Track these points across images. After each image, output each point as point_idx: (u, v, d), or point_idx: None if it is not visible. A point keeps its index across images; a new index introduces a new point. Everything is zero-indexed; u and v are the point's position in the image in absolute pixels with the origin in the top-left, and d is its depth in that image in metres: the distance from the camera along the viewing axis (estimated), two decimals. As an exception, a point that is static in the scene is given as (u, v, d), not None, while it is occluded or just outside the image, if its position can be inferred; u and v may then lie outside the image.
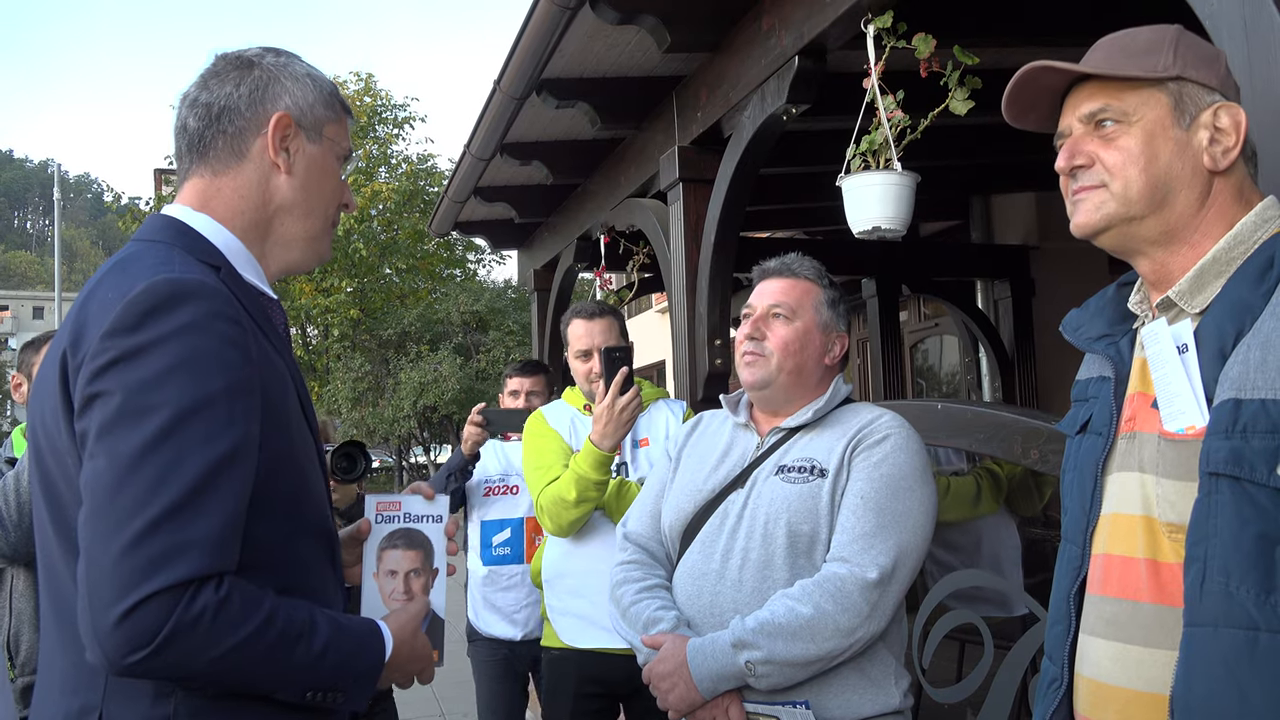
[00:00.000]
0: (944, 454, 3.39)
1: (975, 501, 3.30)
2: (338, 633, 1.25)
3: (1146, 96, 1.28)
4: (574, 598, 2.85)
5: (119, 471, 1.11)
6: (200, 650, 1.11)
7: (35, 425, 1.27)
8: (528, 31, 3.39)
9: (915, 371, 8.68)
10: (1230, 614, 1.10)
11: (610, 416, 2.65)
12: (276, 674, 1.19)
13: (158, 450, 1.12)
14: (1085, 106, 1.32)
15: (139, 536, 1.09)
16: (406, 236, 22.75)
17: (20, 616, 2.71)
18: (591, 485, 2.68)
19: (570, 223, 5.45)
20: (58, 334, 1.28)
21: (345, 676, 1.25)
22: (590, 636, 2.80)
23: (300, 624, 1.20)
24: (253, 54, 1.40)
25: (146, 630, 1.07)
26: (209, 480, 1.13)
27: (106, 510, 1.11)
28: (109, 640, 1.08)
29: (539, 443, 2.92)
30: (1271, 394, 1.10)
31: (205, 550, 1.11)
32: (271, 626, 1.16)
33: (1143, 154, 1.27)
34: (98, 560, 1.10)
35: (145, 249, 1.29)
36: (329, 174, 1.43)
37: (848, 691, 1.89)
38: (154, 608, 1.08)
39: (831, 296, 2.13)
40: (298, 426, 1.33)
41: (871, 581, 1.84)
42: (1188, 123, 1.27)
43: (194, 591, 1.10)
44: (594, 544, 2.80)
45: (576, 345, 2.98)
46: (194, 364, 1.16)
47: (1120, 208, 1.29)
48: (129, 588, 1.08)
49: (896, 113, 2.55)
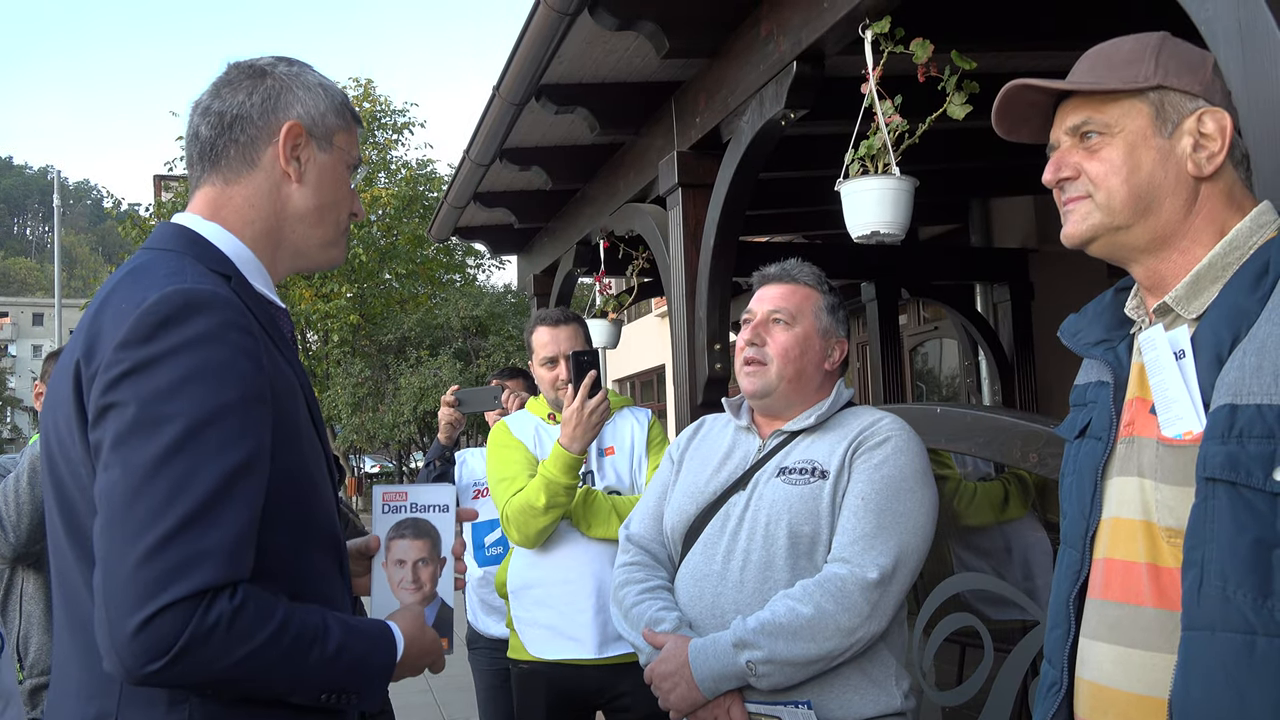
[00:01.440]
0: (972, 461, 3.39)
1: (1003, 506, 3.32)
2: (350, 635, 1.26)
3: (1128, 107, 1.30)
4: (540, 608, 2.82)
5: (134, 482, 1.13)
6: (216, 658, 1.12)
7: (48, 434, 1.29)
8: (526, 37, 3.40)
9: (915, 375, 8.68)
10: (1228, 618, 1.10)
11: (579, 419, 2.64)
12: (292, 678, 1.20)
13: (172, 461, 1.13)
14: (1069, 120, 1.34)
15: (155, 547, 1.10)
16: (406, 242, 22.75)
17: (30, 619, 2.73)
18: (561, 490, 2.65)
19: (570, 228, 5.46)
20: (70, 343, 1.29)
21: (359, 677, 1.27)
22: (557, 647, 2.78)
23: (313, 628, 1.21)
24: (265, 63, 1.42)
25: (163, 640, 1.09)
26: (223, 490, 1.15)
27: (122, 521, 1.12)
28: (126, 650, 1.10)
29: (503, 453, 2.90)
30: (1267, 399, 1.10)
31: (220, 560, 1.12)
32: (285, 632, 1.17)
33: (1124, 164, 1.29)
34: (114, 571, 1.11)
35: (157, 258, 1.30)
36: (339, 182, 1.44)
37: (849, 692, 1.91)
38: (170, 618, 1.09)
39: (831, 302, 2.14)
40: (308, 437, 1.34)
41: (872, 581, 1.86)
42: (1170, 131, 1.28)
43: (209, 601, 1.11)
44: (560, 554, 2.78)
45: (541, 353, 2.95)
46: (208, 374, 1.17)
47: (1105, 218, 1.31)
48: (145, 598, 1.09)
49: (895, 117, 2.56)
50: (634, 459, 2.91)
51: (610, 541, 2.73)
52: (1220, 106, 1.29)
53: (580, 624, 2.75)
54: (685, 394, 3.60)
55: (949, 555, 3.35)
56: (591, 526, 2.76)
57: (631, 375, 18.40)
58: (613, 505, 2.78)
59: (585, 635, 2.75)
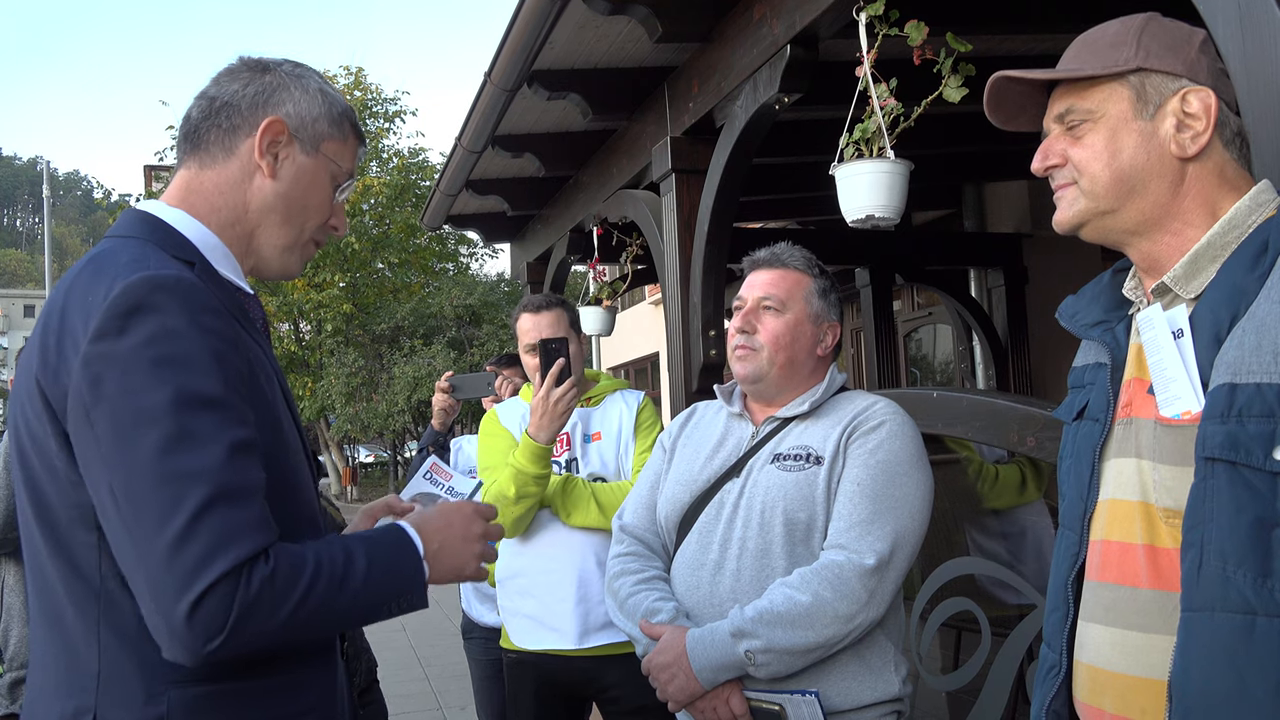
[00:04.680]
0: (988, 448, 3.40)
1: (1021, 489, 3.34)
2: (372, 548, 1.29)
3: (1109, 92, 1.30)
4: (524, 598, 2.82)
5: (144, 478, 1.14)
6: (268, 619, 1.15)
7: (18, 427, 1.28)
8: (518, 23, 3.38)
9: (909, 360, 8.70)
10: (1227, 598, 1.10)
11: (545, 408, 2.62)
12: (341, 611, 1.23)
13: (175, 450, 1.14)
14: (1056, 108, 1.35)
15: (183, 535, 1.12)
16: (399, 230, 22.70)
17: (10, 611, 2.72)
18: (530, 480, 2.63)
19: (563, 215, 5.44)
20: (33, 335, 1.28)
21: (398, 581, 1.30)
22: (538, 638, 2.77)
23: (341, 558, 1.24)
24: (272, 61, 1.43)
25: (215, 619, 1.12)
26: (232, 466, 1.16)
27: (143, 517, 1.14)
28: (185, 636, 1.12)
29: (488, 442, 2.89)
30: (1266, 378, 1.10)
31: (247, 533, 1.15)
32: (320, 575, 1.20)
33: (1106, 149, 1.29)
34: (149, 566, 1.13)
35: (119, 245, 1.29)
36: (316, 189, 1.43)
37: (847, 679, 1.90)
38: (216, 597, 1.12)
39: (822, 286, 2.13)
40: (285, 420, 1.35)
41: (869, 568, 1.85)
42: (1151, 113, 1.28)
43: (248, 571, 1.14)
44: (542, 544, 2.77)
45: (524, 339, 2.94)
46: (187, 359, 1.17)
47: (1091, 203, 1.31)
48: (188, 585, 1.11)
49: (889, 101, 2.54)
50: (620, 445, 2.88)
51: (591, 530, 2.73)
52: (1206, 84, 1.28)
53: (561, 614, 2.73)
54: (680, 380, 3.60)
55: (964, 539, 3.36)
56: (571, 515, 2.74)
57: (626, 363, 18.40)
58: (593, 493, 2.76)
59: (566, 626, 2.73)
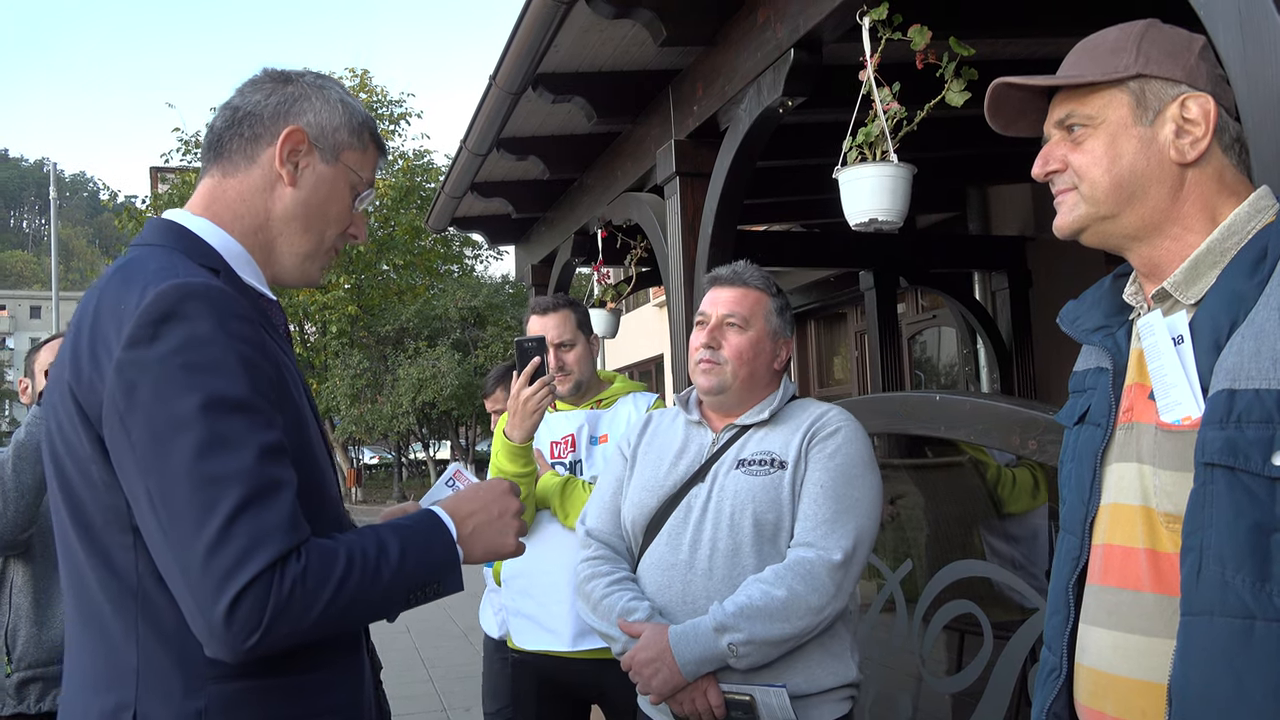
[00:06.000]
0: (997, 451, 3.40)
1: (1034, 492, 3.35)
2: (406, 536, 1.31)
3: (1109, 98, 1.31)
4: (524, 598, 2.84)
5: (179, 483, 1.17)
6: (304, 614, 1.19)
7: (51, 434, 1.31)
8: (523, 26, 3.39)
9: (913, 363, 8.68)
10: (1226, 603, 1.11)
11: (516, 408, 2.65)
12: (376, 600, 1.27)
13: (208, 454, 1.17)
14: (1056, 113, 1.36)
15: (219, 538, 1.15)
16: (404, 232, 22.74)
17: (18, 611, 2.73)
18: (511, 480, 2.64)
19: (567, 218, 5.45)
20: (64, 343, 1.32)
21: (432, 569, 1.33)
22: (534, 639, 2.79)
23: (375, 549, 1.26)
24: (296, 73, 1.46)
25: (252, 617, 1.15)
26: (263, 469, 1.19)
27: (179, 521, 1.17)
28: (225, 635, 1.16)
29: (496, 444, 2.89)
30: (1265, 384, 1.10)
31: (279, 533, 1.18)
32: (353, 567, 1.23)
33: (1105, 155, 1.30)
34: (188, 568, 1.17)
35: (146, 253, 1.33)
36: (336, 197, 1.45)
37: (813, 666, 2.05)
38: (252, 596, 1.15)
39: (780, 304, 2.27)
40: (310, 423, 1.38)
41: (837, 563, 2.00)
42: (1150, 119, 1.29)
43: (281, 569, 1.17)
44: (542, 545, 2.78)
45: None
46: (217, 365, 1.20)
47: (1090, 208, 1.32)
48: (224, 585, 1.15)
49: (893, 104, 2.55)
50: None
51: None
52: (1206, 90, 1.28)
53: (557, 615, 2.75)
54: (684, 383, 3.60)
55: (979, 543, 3.37)
56: (569, 516, 2.75)
57: (630, 365, 18.41)
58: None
59: (561, 627, 2.75)
